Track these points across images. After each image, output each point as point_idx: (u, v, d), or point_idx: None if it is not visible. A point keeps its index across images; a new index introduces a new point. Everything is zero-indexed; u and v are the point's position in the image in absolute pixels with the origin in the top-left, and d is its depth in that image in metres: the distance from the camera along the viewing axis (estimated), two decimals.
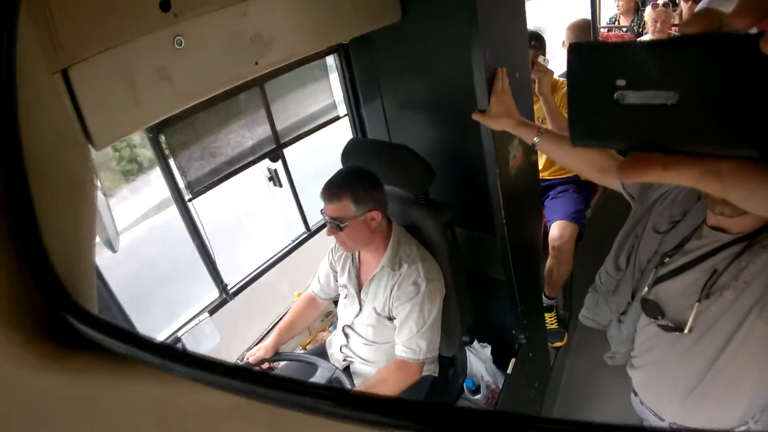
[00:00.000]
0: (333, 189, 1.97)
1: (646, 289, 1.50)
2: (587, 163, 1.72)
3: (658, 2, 4.52)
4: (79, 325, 0.54)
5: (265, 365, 2.32)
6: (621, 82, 0.40)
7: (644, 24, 4.62)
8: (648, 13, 4.23)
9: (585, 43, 0.43)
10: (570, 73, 0.42)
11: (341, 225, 1.96)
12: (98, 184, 1.62)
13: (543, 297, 2.99)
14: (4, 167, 0.52)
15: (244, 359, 2.38)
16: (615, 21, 5.12)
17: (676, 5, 4.81)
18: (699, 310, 1.37)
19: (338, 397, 0.44)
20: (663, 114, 0.39)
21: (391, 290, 2.07)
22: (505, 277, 2.35)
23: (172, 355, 0.52)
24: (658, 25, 4.06)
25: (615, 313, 1.69)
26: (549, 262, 2.98)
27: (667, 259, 1.46)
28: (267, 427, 0.53)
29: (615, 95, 0.40)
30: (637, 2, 4.98)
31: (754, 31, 0.36)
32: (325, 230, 2.07)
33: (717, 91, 0.37)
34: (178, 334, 2.28)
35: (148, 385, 0.59)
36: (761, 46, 0.34)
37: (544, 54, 2.88)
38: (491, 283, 2.52)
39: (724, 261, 1.33)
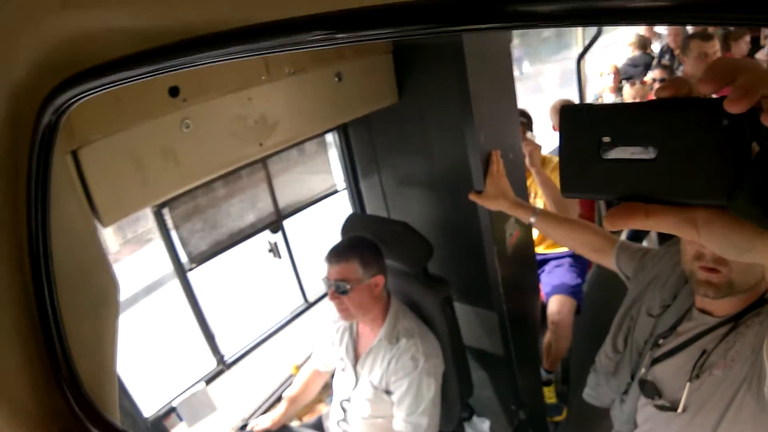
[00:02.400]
0: (341, 251, 1.99)
1: (643, 369, 1.52)
2: (583, 243, 1.78)
3: (635, 81, 4.74)
4: None
5: None
6: (606, 139, 0.45)
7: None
8: (626, 90, 4.42)
9: (575, 105, 0.48)
10: (561, 131, 0.47)
11: (347, 288, 1.96)
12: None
13: (541, 371, 2.97)
14: (36, 284, 0.55)
15: (248, 428, 2.36)
16: (598, 98, 5.30)
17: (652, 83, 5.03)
18: (691, 390, 1.38)
19: None
20: (644, 168, 0.44)
21: (389, 364, 2.05)
22: (504, 352, 2.34)
23: None
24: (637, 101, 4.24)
25: (616, 393, 1.69)
26: (547, 336, 2.97)
27: (661, 341, 1.49)
28: None
29: (601, 151, 0.45)
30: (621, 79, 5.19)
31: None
32: (321, 303, 2.07)
33: (688, 147, 0.42)
34: (173, 404, 2.26)
35: None
36: (725, 104, 0.39)
37: (531, 130, 2.99)
38: (490, 358, 2.50)
39: (713, 341, 1.36)
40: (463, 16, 0.43)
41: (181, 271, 2.19)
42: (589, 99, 5.18)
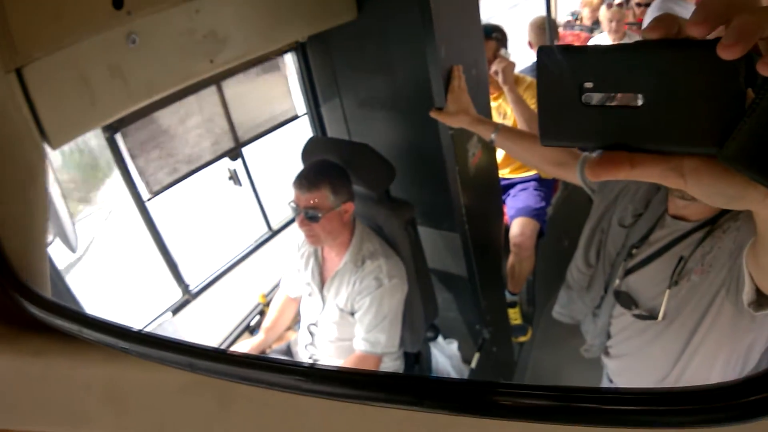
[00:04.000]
0: (311, 178, 1.96)
1: (617, 281, 1.53)
2: (544, 158, 1.77)
3: (613, 2, 4.65)
4: (30, 307, 0.56)
5: None
6: (588, 84, 0.42)
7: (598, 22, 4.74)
8: (603, 12, 4.33)
9: (554, 46, 0.45)
10: (539, 75, 0.44)
11: (318, 215, 1.95)
12: (54, 181, 1.62)
13: (506, 293, 3.03)
14: None
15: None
16: (578, 18, 5.17)
17: (628, 3, 4.93)
18: (670, 296, 1.40)
19: (280, 368, 0.45)
20: (628, 115, 0.41)
21: (353, 286, 2.08)
22: (467, 273, 2.38)
23: (120, 333, 0.54)
24: (614, 24, 4.17)
25: (590, 308, 1.71)
26: (511, 258, 3.02)
27: (634, 251, 1.50)
28: (216, 402, 0.55)
29: (583, 97, 0.42)
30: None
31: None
32: (285, 231, 2.06)
33: (678, 93, 0.40)
34: None
35: (99, 365, 0.60)
36: (717, 50, 0.36)
37: (506, 47, 2.94)
38: (454, 280, 2.55)
39: (689, 247, 1.37)
40: None
41: (139, 202, 2.14)
42: (565, 15, 5.10)
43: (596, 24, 4.76)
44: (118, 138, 1.98)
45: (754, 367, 1.46)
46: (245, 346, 2.38)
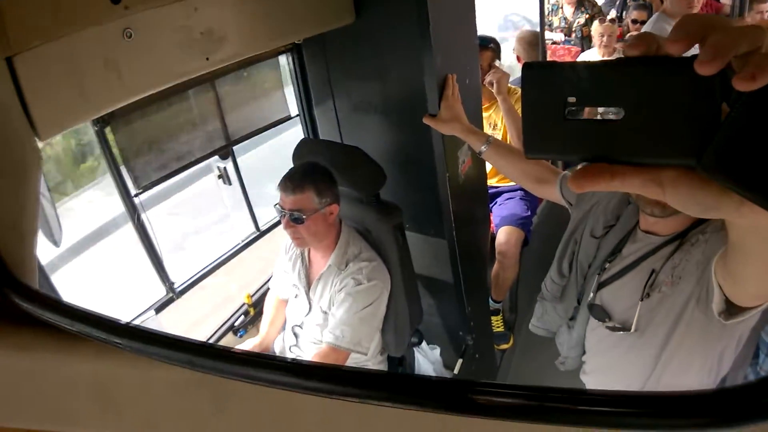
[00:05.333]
0: (296, 180, 1.96)
1: (591, 294, 1.56)
2: (526, 174, 1.80)
3: (605, 17, 4.69)
4: (20, 301, 0.55)
5: None
6: (571, 99, 0.44)
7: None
8: (595, 27, 4.38)
9: (538, 63, 0.47)
10: (524, 90, 0.46)
11: (303, 217, 1.95)
12: (42, 177, 1.59)
13: (490, 300, 3.05)
14: None
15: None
16: (559, 6, 5.24)
17: (621, 20, 5.00)
18: (642, 308, 1.43)
19: (277, 366, 0.46)
20: (610, 128, 0.43)
21: (335, 287, 2.08)
22: (453, 279, 2.39)
23: (112, 328, 0.53)
24: (605, 39, 4.22)
25: (564, 319, 1.73)
26: (495, 266, 3.05)
27: (607, 265, 1.53)
28: (210, 400, 0.54)
29: (566, 111, 0.44)
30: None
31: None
32: (273, 232, 2.04)
33: (657, 107, 0.42)
34: None
35: (89, 360, 0.59)
36: (695, 66, 0.39)
37: (499, 58, 2.99)
38: (440, 286, 2.56)
39: (660, 261, 1.40)
40: None
41: (126, 195, 2.12)
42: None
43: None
44: (108, 131, 1.97)
45: (727, 373, 1.50)
46: (248, 344, 2.37)
